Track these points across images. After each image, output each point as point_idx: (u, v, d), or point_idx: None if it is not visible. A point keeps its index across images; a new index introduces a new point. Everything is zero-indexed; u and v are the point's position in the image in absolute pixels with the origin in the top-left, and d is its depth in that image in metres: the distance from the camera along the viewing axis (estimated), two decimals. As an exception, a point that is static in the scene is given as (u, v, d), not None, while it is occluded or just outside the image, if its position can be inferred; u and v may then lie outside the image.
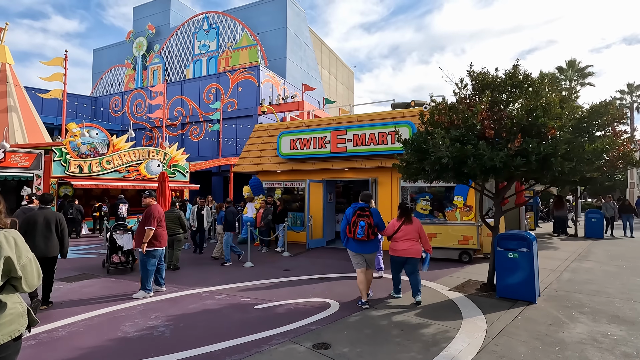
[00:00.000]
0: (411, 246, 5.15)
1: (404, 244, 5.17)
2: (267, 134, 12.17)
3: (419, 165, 5.29)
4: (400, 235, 5.20)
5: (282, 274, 7.18)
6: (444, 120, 4.88)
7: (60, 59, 16.39)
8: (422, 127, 5.58)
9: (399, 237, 5.21)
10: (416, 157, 5.26)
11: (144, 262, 5.52)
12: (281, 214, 10.27)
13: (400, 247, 5.18)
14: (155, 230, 5.56)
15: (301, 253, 9.74)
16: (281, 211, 10.32)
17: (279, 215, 10.24)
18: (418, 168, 5.37)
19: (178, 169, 18.78)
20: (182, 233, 7.67)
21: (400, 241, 5.20)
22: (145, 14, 34.48)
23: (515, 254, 5.21)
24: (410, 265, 5.19)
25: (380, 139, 9.83)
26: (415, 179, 5.72)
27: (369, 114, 10.72)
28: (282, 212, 10.32)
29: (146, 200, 5.72)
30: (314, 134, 10.72)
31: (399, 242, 5.21)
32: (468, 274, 7.02)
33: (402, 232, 5.20)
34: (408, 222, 5.24)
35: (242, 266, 7.98)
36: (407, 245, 5.16)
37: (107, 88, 36.05)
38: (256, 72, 25.43)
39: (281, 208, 10.36)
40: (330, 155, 10.50)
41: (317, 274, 7.21)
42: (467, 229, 8.21)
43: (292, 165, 11.25)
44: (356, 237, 4.93)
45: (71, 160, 14.78)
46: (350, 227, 4.98)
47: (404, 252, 5.15)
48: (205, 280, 6.67)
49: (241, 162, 12.25)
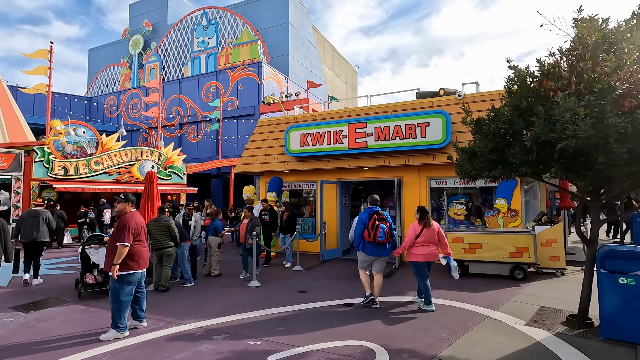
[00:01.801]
0: (433, 250, 5.05)
1: (427, 249, 5.03)
2: (273, 130, 10.73)
3: (497, 157, 3.83)
4: (422, 239, 5.03)
5: (297, 298, 5.71)
6: (549, 86, 3.39)
7: (44, 51, 15.00)
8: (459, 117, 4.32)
9: (420, 241, 5.03)
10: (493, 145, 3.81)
11: (116, 291, 4.05)
12: (289, 222, 8.55)
13: (423, 251, 5.02)
14: (132, 247, 4.11)
15: (315, 267, 8.26)
16: (289, 218, 8.58)
17: (287, 224, 8.56)
18: (494, 160, 3.91)
19: (174, 170, 17.34)
20: (172, 246, 6.20)
21: (422, 245, 5.03)
22: (142, 10, 33.17)
23: (630, 279, 3.75)
24: (429, 269, 5.12)
25: (407, 132, 8.38)
26: (481, 176, 4.27)
27: (391, 104, 9.29)
28: (290, 219, 8.58)
29: (119, 206, 4.27)
30: (328, 127, 9.28)
31: (421, 246, 5.03)
32: (534, 298, 5.54)
33: (424, 236, 5.04)
34: (429, 226, 5.08)
35: (247, 286, 6.50)
36: (429, 250, 5.03)
37: (102, 88, 34.70)
38: (257, 69, 24.06)
39: (288, 215, 8.60)
40: (347, 152, 9.05)
41: (342, 296, 5.74)
42: (521, 238, 6.74)
43: (303, 164, 9.80)
44: (377, 239, 4.95)
45: (55, 161, 13.34)
46: (369, 230, 4.99)
47: (426, 256, 5.01)
48: (200, 309, 5.20)
49: (243, 161, 10.80)
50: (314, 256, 9.40)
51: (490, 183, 8.19)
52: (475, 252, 7.01)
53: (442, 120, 8.04)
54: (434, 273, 7.27)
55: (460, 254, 7.08)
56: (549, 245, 7.09)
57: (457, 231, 7.24)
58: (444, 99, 8.80)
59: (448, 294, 5.80)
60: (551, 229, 7.09)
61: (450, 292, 5.91)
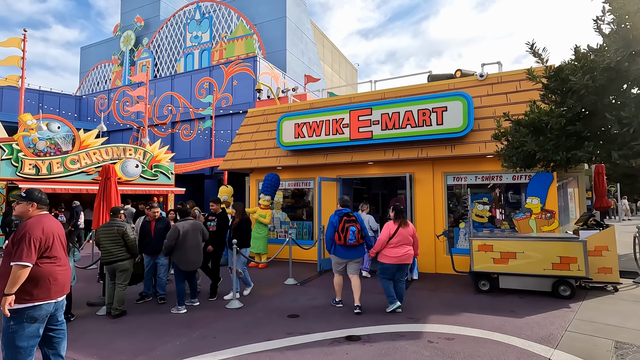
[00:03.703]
0: (408, 252, 4.84)
1: (401, 250, 4.80)
2: (264, 120, 9.43)
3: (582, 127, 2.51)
4: (397, 240, 4.80)
5: (286, 326, 4.38)
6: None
7: (17, 39, 13.73)
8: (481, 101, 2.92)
9: (394, 242, 4.80)
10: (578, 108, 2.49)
11: (11, 334, 2.73)
12: (239, 232, 5.71)
13: (396, 253, 4.77)
14: (38, 267, 2.79)
15: (312, 279, 6.94)
16: (239, 226, 5.78)
17: (236, 234, 5.66)
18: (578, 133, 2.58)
19: (161, 170, 16.05)
20: (127, 258, 4.88)
21: (396, 247, 4.80)
22: (134, 6, 31.95)
23: None
24: (402, 271, 4.92)
25: (420, 119, 7.07)
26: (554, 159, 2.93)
27: (400, 88, 7.98)
28: (240, 227, 5.77)
29: (18, 208, 2.95)
30: (327, 115, 7.97)
31: (395, 248, 4.79)
32: (598, 327, 4.20)
33: (399, 236, 4.81)
34: (404, 225, 4.87)
35: (225, 307, 5.18)
36: (403, 251, 4.80)
37: (93, 86, 33.47)
38: (253, 64, 22.82)
39: (239, 221, 5.83)
40: (348, 143, 7.74)
41: (344, 324, 4.42)
42: (568, 246, 5.41)
43: (297, 158, 8.49)
44: (348, 242, 4.84)
45: (25, 160, 12.06)
46: (340, 233, 4.86)
47: (399, 259, 4.77)
48: (154, 346, 3.87)
49: (230, 157, 9.48)
50: (311, 266, 8.08)
51: (520, 178, 6.89)
52: (508, 262, 5.69)
53: (462, 104, 6.73)
54: (457, 289, 5.94)
55: (489, 265, 5.76)
56: (599, 253, 5.76)
57: (485, 237, 5.92)
58: (462, 81, 7.49)
59: (482, 320, 4.48)
60: (601, 234, 5.76)
61: (484, 317, 4.59)
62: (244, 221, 5.85)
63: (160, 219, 5.59)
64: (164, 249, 5.01)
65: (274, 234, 9.20)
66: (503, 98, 6.92)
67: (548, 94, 2.91)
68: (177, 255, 4.97)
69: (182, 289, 5.06)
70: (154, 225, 5.47)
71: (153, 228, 5.46)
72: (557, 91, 2.76)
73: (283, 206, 9.40)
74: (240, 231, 5.72)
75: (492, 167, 7.06)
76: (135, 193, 14.88)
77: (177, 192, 16.43)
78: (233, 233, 5.70)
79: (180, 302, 5.02)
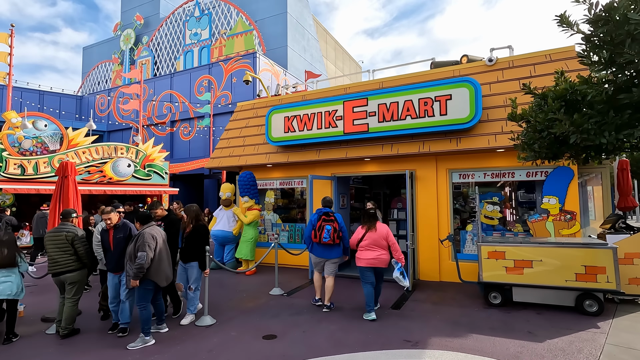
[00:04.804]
0: (378, 256, 4.72)
1: (371, 253, 4.73)
2: (254, 115, 8.73)
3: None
4: (366, 243, 4.76)
5: (256, 352, 3.67)
6: None
7: (4, 35, 13.25)
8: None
9: (363, 245, 4.78)
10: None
11: None
12: (192, 242, 4.55)
13: (367, 256, 4.73)
14: None
15: (301, 289, 6.22)
16: (192, 235, 4.58)
17: (189, 245, 4.57)
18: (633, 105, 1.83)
19: (155, 169, 15.47)
20: (79, 269, 4.21)
21: (366, 250, 4.76)
22: (134, 4, 31.55)
23: None
24: (378, 275, 4.84)
25: (421, 109, 6.31)
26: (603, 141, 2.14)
27: (400, 76, 7.21)
28: (193, 236, 4.57)
29: None
30: (319, 107, 7.24)
31: (365, 251, 4.77)
32: (637, 355, 3.42)
33: (368, 240, 4.76)
34: (373, 229, 4.79)
35: (194, 325, 4.49)
36: (374, 255, 4.71)
37: (94, 86, 33.17)
38: (252, 60, 22.18)
39: (192, 228, 4.62)
40: (342, 137, 7.01)
41: (327, 350, 3.69)
42: (595, 254, 4.62)
43: (288, 155, 7.78)
44: (322, 240, 4.89)
45: (9, 159, 11.55)
46: (316, 232, 4.93)
47: (369, 262, 4.70)
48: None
49: (217, 154, 8.81)
50: (302, 272, 7.37)
51: (535, 175, 6.10)
52: (523, 272, 4.91)
53: (469, 91, 5.95)
54: (464, 301, 5.17)
55: (500, 274, 4.99)
56: (629, 262, 4.96)
57: (496, 242, 5.14)
58: (469, 67, 6.70)
59: (494, 345, 3.71)
60: (632, 239, 4.96)
61: (496, 341, 3.82)
62: (197, 229, 4.59)
63: (120, 227, 4.30)
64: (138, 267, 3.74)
65: (265, 237, 8.51)
66: (515, 85, 6.13)
67: (590, 51, 2.13)
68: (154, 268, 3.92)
69: (149, 314, 3.98)
70: (112, 235, 4.26)
71: (111, 238, 4.25)
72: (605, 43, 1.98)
73: (275, 207, 8.71)
74: (194, 241, 4.53)
75: (504, 162, 6.28)
76: (126, 194, 14.34)
77: (171, 193, 15.86)
78: (185, 243, 4.58)
79: (147, 330, 3.95)
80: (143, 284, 3.84)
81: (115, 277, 4.28)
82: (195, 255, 4.54)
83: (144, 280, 3.84)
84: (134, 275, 3.76)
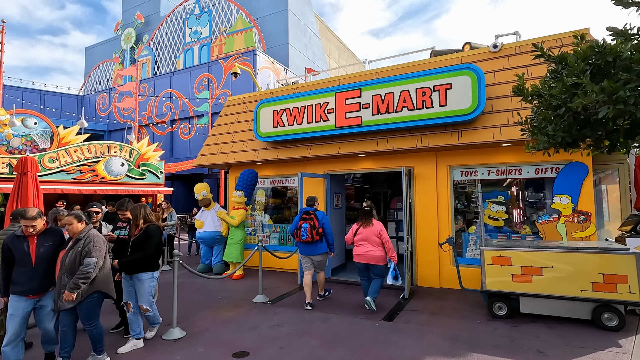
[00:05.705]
0: (368, 251, 4.83)
1: (362, 248, 4.89)
2: (244, 109, 8.26)
3: None
4: (359, 238, 4.94)
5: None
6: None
7: (-6, 31, 12.95)
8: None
9: (356, 240, 4.97)
10: None
11: None
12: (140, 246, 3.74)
13: (358, 251, 4.93)
14: None
15: (288, 295, 5.72)
16: (141, 239, 3.76)
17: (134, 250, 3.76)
18: None
19: (149, 169, 15.01)
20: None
21: (357, 245, 4.95)
22: (135, 3, 31.37)
23: None
24: (372, 272, 4.89)
25: (419, 100, 5.77)
26: None
27: (397, 66, 6.68)
28: (143, 240, 3.76)
29: None
30: (309, 99, 6.74)
31: (357, 246, 4.96)
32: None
33: (360, 235, 4.94)
34: (366, 225, 4.93)
35: (161, 338, 4.01)
36: (363, 250, 4.87)
37: (95, 85, 33.04)
38: (252, 58, 21.79)
39: (141, 231, 3.80)
40: (334, 132, 6.50)
41: (303, 371, 3.19)
42: (615, 260, 4.05)
43: (277, 152, 7.28)
44: (301, 238, 5.05)
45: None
46: (297, 230, 5.12)
47: (360, 257, 4.89)
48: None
49: (205, 151, 8.35)
50: (292, 276, 6.88)
51: (545, 172, 5.54)
52: (531, 280, 4.35)
53: (471, 79, 5.40)
54: (465, 312, 4.62)
55: (507, 283, 4.45)
56: (653, 268, 4.38)
57: (501, 247, 4.59)
58: (471, 54, 6.15)
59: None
60: (657, 243, 4.39)
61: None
62: (148, 231, 3.74)
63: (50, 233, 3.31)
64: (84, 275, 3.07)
65: (255, 239, 8.03)
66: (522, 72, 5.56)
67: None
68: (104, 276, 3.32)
69: (101, 331, 3.36)
70: (36, 244, 3.17)
71: (34, 250, 3.14)
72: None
73: (266, 207, 8.22)
74: (142, 246, 3.70)
75: (510, 157, 5.73)
76: (119, 193, 13.96)
77: (165, 192, 15.46)
78: (131, 250, 3.74)
79: (100, 348, 3.35)
80: (88, 297, 3.19)
81: (29, 303, 3.13)
82: (146, 264, 3.73)
83: (90, 294, 3.21)
84: (74, 287, 3.05)
